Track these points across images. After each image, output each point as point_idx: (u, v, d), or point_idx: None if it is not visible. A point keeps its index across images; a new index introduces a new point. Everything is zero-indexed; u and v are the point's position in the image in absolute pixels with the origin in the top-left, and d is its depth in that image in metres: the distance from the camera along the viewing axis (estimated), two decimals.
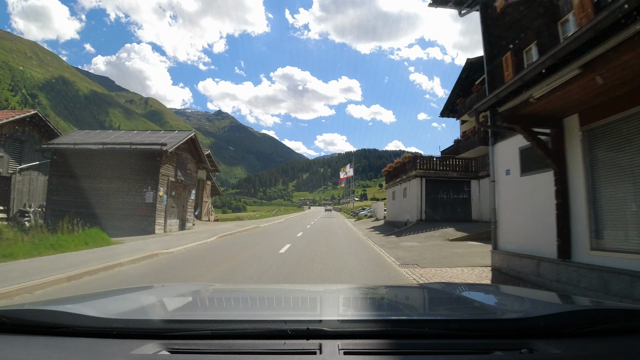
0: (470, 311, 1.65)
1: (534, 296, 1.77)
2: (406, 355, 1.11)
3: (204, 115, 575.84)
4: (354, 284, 4.95)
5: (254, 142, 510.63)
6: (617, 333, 1.24)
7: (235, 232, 18.88)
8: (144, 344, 1.14)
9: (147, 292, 2.09)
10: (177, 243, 12.70)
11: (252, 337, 1.19)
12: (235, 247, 12.90)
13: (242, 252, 11.42)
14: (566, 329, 1.24)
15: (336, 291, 2.31)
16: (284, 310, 1.73)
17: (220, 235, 16.21)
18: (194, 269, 8.31)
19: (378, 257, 10.60)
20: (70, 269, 7.11)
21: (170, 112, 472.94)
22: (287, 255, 10.48)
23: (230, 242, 14.76)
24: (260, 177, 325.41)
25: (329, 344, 1.12)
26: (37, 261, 7.93)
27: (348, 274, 7.83)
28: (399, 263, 9.37)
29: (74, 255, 9.04)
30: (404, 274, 8.02)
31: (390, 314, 1.62)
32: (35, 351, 1.13)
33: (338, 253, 11.34)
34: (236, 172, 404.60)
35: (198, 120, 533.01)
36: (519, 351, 1.12)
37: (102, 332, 1.22)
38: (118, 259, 8.47)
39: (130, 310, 1.51)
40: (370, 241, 15.60)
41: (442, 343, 1.17)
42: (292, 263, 9.16)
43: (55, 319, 1.28)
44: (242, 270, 8.11)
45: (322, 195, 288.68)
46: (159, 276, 7.36)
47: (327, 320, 1.23)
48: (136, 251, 10.15)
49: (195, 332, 1.21)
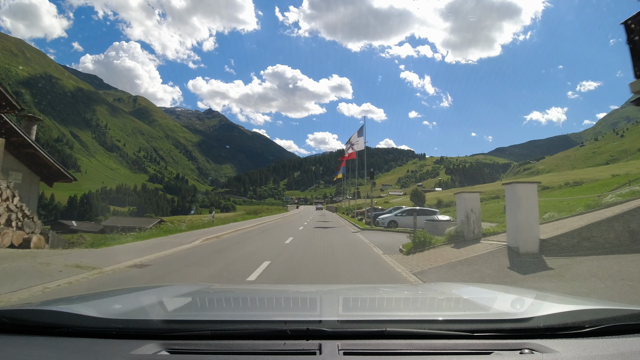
0: (470, 311, 1.64)
1: (534, 296, 1.77)
2: (406, 356, 1.10)
3: (194, 114, 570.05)
4: (354, 284, 5.13)
5: (244, 141, 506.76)
6: (617, 333, 1.24)
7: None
8: (144, 344, 1.13)
9: (147, 293, 2.08)
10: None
11: (251, 337, 1.18)
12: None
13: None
14: (566, 329, 1.24)
15: (336, 291, 2.34)
16: (283, 311, 1.73)
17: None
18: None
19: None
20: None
21: (159, 110, 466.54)
22: None
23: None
24: (251, 175, 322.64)
25: (328, 344, 1.12)
26: None
27: None
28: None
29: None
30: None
31: (390, 314, 1.61)
32: (35, 351, 1.13)
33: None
34: (226, 171, 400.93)
35: (188, 119, 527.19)
36: (519, 351, 1.12)
37: (101, 332, 1.22)
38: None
39: (129, 311, 1.51)
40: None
41: (442, 343, 1.17)
42: None
43: (55, 319, 1.28)
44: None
45: (313, 193, 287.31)
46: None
47: (326, 321, 1.23)
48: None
49: (195, 333, 1.21)
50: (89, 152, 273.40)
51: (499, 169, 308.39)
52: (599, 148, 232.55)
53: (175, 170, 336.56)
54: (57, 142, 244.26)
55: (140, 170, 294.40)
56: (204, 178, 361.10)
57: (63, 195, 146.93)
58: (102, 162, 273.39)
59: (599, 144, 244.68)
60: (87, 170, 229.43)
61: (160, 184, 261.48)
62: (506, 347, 1.15)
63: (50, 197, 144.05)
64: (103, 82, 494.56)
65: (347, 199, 65.66)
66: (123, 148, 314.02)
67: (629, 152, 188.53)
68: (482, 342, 1.17)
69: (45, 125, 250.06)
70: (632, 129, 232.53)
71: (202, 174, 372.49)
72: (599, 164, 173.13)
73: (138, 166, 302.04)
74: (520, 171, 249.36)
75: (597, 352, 1.11)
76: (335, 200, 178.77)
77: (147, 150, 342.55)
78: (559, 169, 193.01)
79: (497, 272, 6.70)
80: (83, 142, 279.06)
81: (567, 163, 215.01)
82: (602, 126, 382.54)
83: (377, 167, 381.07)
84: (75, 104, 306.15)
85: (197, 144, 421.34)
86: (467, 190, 11.91)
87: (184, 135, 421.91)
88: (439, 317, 1.39)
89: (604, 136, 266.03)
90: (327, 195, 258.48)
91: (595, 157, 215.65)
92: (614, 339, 1.20)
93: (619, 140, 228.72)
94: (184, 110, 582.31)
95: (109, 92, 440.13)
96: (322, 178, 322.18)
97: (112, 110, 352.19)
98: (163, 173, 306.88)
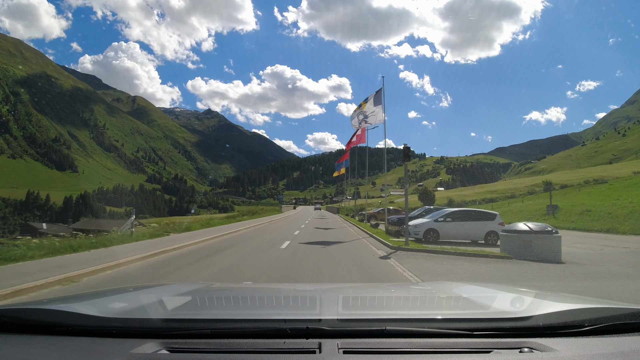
0: (470, 310, 1.65)
1: (533, 295, 1.77)
2: (405, 354, 1.10)
3: (193, 114, 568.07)
4: (354, 283, 5.18)
5: (244, 141, 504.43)
6: (616, 332, 1.24)
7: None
8: (144, 343, 1.13)
9: (147, 291, 2.07)
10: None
11: (251, 336, 1.18)
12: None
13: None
14: (566, 328, 1.24)
15: (335, 290, 2.33)
16: (283, 310, 1.73)
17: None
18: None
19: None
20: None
21: (158, 110, 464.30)
22: None
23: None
24: (250, 175, 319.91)
25: (328, 343, 1.12)
26: None
27: None
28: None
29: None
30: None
31: (390, 313, 1.60)
32: (35, 350, 1.13)
33: None
34: (226, 171, 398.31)
35: (187, 119, 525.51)
36: (519, 350, 1.12)
37: (101, 331, 1.22)
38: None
39: (129, 310, 1.52)
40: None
41: (441, 342, 1.17)
42: None
43: (55, 318, 1.28)
44: None
45: (313, 194, 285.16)
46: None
47: (326, 320, 1.23)
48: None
49: (195, 331, 1.20)
50: (86, 153, 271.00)
51: (499, 168, 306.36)
52: (601, 147, 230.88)
53: (174, 170, 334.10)
54: (54, 142, 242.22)
55: (138, 171, 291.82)
56: (202, 178, 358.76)
57: (59, 196, 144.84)
58: (100, 163, 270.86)
59: (600, 143, 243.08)
60: (84, 171, 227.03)
61: (158, 185, 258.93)
62: (506, 345, 1.14)
63: (45, 197, 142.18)
64: (102, 83, 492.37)
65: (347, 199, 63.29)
66: (121, 148, 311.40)
67: (633, 150, 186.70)
68: (482, 341, 1.17)
69: (43, 125, 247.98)
70: (633, 128, 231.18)
71: (200, 174, 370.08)
72: (602, 162, 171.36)
73: (136, 166, 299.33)
74: (521, 171, 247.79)
75: (597, 350, 1.11)
76: (336, 201, 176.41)
77: (145, 151, 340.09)
78: (561, 168, 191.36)
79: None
80: (81, 142, 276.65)
81: (569, 162, 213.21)
82: (602, 126, 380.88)
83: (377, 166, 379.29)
84: (73, 104, 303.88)
85: (196, 144, 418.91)
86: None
87: (182, 135, 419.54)
88: (438, 315, 1.39)
89: (605, 135, 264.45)
90: (327, 196, 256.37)
91: (597, 156, 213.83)
92: (613, 337, 1.20)
93: (621, 139, 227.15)
94: (183, 110, 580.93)
95: (108, 92, 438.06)
96: (322, 178, 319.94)
97: (111, 110, 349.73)
98: (161, 173, 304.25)
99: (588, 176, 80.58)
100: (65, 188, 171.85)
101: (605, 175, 74.97)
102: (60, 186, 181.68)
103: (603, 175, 78.45)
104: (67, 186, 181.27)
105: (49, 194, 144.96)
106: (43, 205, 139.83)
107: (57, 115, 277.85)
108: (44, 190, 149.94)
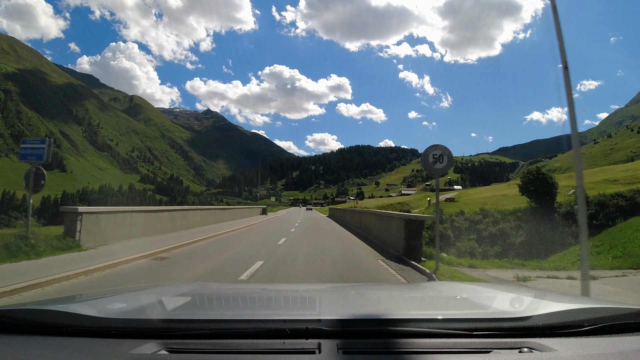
0: (470, 310, 1.64)
1: (533, 295, 1.76)
2: (405, 355, 1.10)
3: (193, 114, 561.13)
4: (353, 283, 5.27)
5: (243, 142, 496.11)
6: (616, 332, 1.23)
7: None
8: (143, 343, 1.13)
9: (146, 292, 2.08)
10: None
11: (251, 336, 1.18)
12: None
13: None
14: (565, 328, 1.23)
15: (335, 290, 2.36)
16: (283, 310, 1.73)
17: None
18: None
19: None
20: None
21: (156, 109, 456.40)
22: None
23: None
24: (246, 175, 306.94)
25: (328, 343, 1.12)
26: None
27: None
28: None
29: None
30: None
31: (389, 313, 1.58)
32: (34, 351, 1.12)
33: None
34: (224, 172, 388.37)
35: (186, 119, 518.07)
36: (519, 350, 1.12)
37: (101, 331, 1.22)
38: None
39: (129, 310, 1.51)
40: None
41: (441, 342, 1.17)
42: None
43: (55, 319, 1.28)
44: None
45: (313, 194, 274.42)
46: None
47: (326, 320, 1.22)
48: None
49: (194, 332, 1.20)
50: (77, 152, 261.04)
51: (507, 167, 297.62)
52: (616, 145, 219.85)
53: (170, 170, 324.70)
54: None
55: (131, 170, 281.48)
56: (200, 179, 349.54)
57: (37, 197, 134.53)
58: (91, 162, 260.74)
59: (614, 141, 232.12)
60: (72, 170, 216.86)
61: (151, 185, 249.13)
62: (505, 345, 1.14)
63: (22, 198, 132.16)
64: (99, 82, 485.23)
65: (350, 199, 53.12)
66: (115, 147, 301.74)
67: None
68: (481, 341, 1.16)
69: (33, 123, 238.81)
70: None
71: (198, 174, 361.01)
72: (620, 160, 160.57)
73: (129, 166, 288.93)
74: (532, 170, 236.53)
75: (596, 350, 1.10)
76: (338, 201, 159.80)
77: (141, 150, 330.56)
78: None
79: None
80: (72, 141, 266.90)
81: (583, 160, 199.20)
82: (606, 125, 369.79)
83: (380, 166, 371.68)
84: (66, 102, 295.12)
85: (194, 144, 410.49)
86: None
87: (180, 135, 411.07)
88: (438, 316, 1.38)
89: (617, 133, 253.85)
90: (328, 196, 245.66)
91: (614, 153, 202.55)
92: (612, 337, 1.19)
93: (636, 136, 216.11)
94: (182, 111, 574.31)
95: (105, 92, 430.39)
96: (322, 178, 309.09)
97: (105, 109, 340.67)
98: (156, 173, 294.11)
99: (626, 175, 67.49)
100: (49, 188, 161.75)
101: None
102: (45, 186, 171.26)
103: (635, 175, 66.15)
104: (52, 186, 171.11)
105: (25, 194, 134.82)
106: (19, 206, 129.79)
107: (48, 113, 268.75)
108: (20, 191, 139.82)
